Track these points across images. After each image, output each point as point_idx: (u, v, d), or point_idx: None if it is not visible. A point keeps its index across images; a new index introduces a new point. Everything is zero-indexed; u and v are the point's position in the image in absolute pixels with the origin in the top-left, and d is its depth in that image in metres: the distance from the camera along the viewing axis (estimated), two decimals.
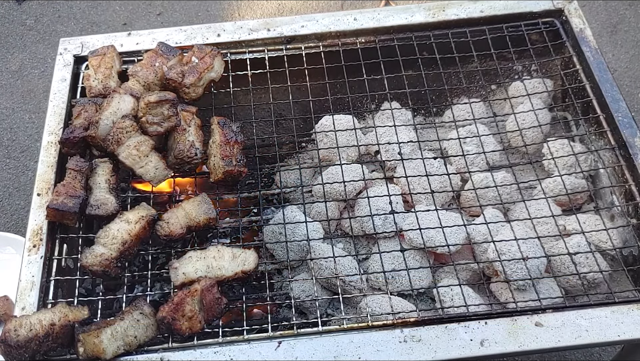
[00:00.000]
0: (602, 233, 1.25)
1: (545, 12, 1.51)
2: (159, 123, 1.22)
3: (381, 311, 1.15)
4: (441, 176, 1.34)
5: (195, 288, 1.08)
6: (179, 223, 1.17)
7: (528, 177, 1.43)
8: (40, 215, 1.22)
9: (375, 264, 1.27)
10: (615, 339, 1.06)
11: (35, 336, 1.01)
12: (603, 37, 2.47)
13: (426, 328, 1.08)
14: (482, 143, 1.40)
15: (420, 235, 1.23)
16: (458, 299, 1.15)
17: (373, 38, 1.50)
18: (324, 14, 1.52)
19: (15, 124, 2.29)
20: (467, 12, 1.51)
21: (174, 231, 1.16)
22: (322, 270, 1.23)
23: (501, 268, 1.18)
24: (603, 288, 1.20)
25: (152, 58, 1.36)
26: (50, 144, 1.33)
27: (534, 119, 1.40)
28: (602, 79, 1.38)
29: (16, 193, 2.13)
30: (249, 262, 1.15)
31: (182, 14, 2.64)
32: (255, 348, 1.07)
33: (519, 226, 1.24)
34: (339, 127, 1.41)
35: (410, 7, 1.52)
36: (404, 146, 1.39)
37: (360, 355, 1.05)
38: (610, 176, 1.34)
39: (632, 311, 1.08)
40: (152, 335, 1.07)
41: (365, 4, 2.64)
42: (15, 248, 1.79)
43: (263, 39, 1.49)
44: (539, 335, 1.06)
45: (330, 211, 1.34)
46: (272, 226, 1.28)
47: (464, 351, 1.04)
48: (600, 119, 1.36)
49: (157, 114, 1.21)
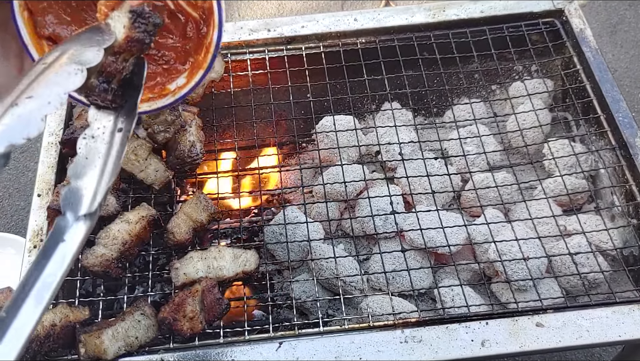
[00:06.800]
0: (603, 233, 1.25)
1: (545, 12, 1.51)
2: (165, 130, 1.22)
3: (382, 311, 1.15)
4: (442, 176, 1.34)
5: (196, 288, 1.08)
6: (184, 229, 1.17)
7: (529, 178, 1.43)
8: (40, 216, 1.22)
9: (376, 264, 1.27)
10: (616, 339, 1.06)
11: (36, 337, 1.01)
12: (603, 37, 2.47)
13: (427, 329, 1.08)
14: (483, 143, 1.40)
15: (421, 235, 1.23)
16: (459, 300, 1.15)
17: (373, 38, 1.50)
18: (325, 15, 1.52)
19: None
20: (468, 12, 1.51)
21: (180, 240, 1.17)
22: (323, 271, 1.23)
23: (502, 268, 1.18)
24: (604, 288, 1.20)
25: None
26: (51, 144, 1.33)
27: (535, 119, 1.41)
28: (602, 79, 1.38)
29: (16, 193, 2.13)
30: (250, 262, 1.15)
31: None
32: (256, 348, 1.07)
33: (519, 227, 1.24)
34: (339, 127, 1.41)
35: (410, 7, 1.53)
36: (405, 146, 1.39)
37: (361, 355, 1.05)
38: (610, 176, 1.34)
39: (633, 312, 1.09)
40: (153, 335, 1.07)
41: (365, 4, 2.64)
42: (16, 249, 1.79)
43: (263, 39, 1.49)
44: (540, 335, 1.06)
45: (330, 211, 1.34)
46: (273, 227, 1.28)
47: (465, 352, 1.05)
48: (600, 119, 1.36)
49: (161, 123, 1.21)
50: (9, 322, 0.56)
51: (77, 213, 0.67)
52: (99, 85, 0.74)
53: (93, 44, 0.71)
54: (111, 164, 0.73)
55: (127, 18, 0.77)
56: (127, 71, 0.79)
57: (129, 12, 0.77)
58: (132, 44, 0.78)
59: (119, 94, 0.78)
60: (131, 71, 0.79)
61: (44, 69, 0.68)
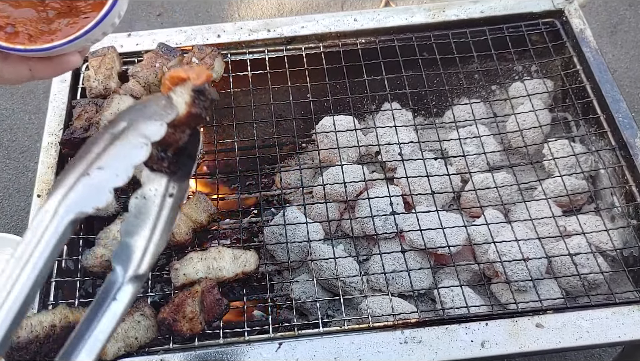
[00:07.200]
0: (603, 234, 1.25)
1: (545, 12, 1.51)
2: None
3: (382, 312, 1.15)
4: (442, 176, 1.34)
5: (196, 289, 1.08)
6: (184, 230, 1.17)
7: (528, 178, 1.43)
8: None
9: (376, 265, 1.27)
10: (616, 340, 1.06)
11: (35, 337, 1.01)
12: (603, 37, 2.47)
13: (427, 329, 1.08)
14: (483, 144, 1.40)
15: (420, 236, 1.23)
16: (459, 300, 1.15)
17: (373, 39, 1.50)
18: (324, 15, 1.52)
19: (15, 125, 2.29)
20: (467, 12, 1.51)
21: (180, 240, 1.17)
22: (323, 271, 1.23)
23: (502, 269, 1.18)
24: (603, 289, 1.20)
25: (152, 59, 1.36)
26: (51, 145, 1.33)
27: (535, 119, 1.41)
28: (602, 79, 1.38)
29: (16, 193, 2.13)
30: (250, 263, 1.15)
31: (182, 14, 2.64)
32: (256, 349, 1.07)
33: (519, 227, 1.24)
34: (339, 128, 1.41)
35: (410, 7, 1.53)
36: (405, 146, 1.39)
37: (361, 356, 1.05)
38: (610, 176, 1.34)
39: (633, 312, 1.08)
40: (152, 336, 1.07)
41: (365, 4, 2.64)
42: (15, 249, 1.79)
43: (263, 39, 1.49)
44: (540, 336, 1.06)
45: (330, 212, 1.34)
46: (273, 227, 1.28)
47: (465, 353, 1.05)
48: (600, 119, 1.36)
49: None
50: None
51: (127, 271, 0.73)
52: (157, 154, 0.79)
53: (157, 118, 0.76)
54: (160, 228, 0.79)
55: (190, 95, 0.82)
56: (182, 141, 0.84)
57: (191, 91, 0.82)
58: (191, 118, 0.83)
59: (173, 161, 0.83)
60: (186, 141, 0.85)
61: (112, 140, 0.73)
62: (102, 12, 0.81)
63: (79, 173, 0.70)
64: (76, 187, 0.69)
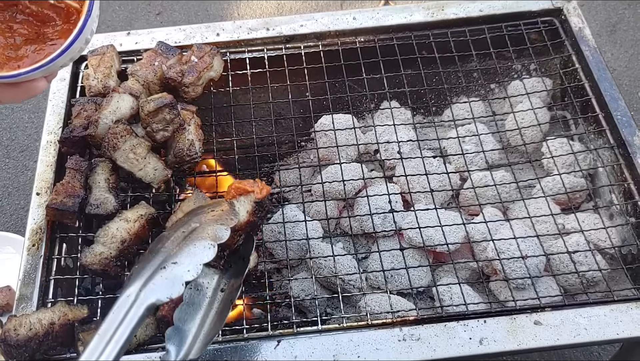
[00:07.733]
0: (601, 232, 1.25)
1: (544, 11, 1.51)
2: (164, 129, 1.22)
3: (380, 310, 1.16)
4: (440, 175, 1.35)
5: None
6: None
7: (527, 176, 1.43)
8: (39, 214, 1.22)
9: (375, 263, 1.27)
10: (614, 337, 1.06)
11: (35, 335, 1.01)
12: (602, 36, 2.47)
13: (425, 327, 1.08)
14: (482, 142, 1.40)
15: (419, 234, 1.23)
16: (457, 298, 1.16)
17: (372, 37, 1.50)
18: (323, 14, 1.52)
19: (15, 123, 2.29)
20: (466, 11, 1.51)
21: None
22: (322, 269, 1.23)
23: (500, 267, 1.18)
24: (602, 287, 1.20)
25: (151, 57, 1.36)
26: (50, 143, 1.33)
27: (533, 118, 1.41)
28: (601, 78, 1.38)
29: (15, 192, 2.14)
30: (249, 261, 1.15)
31: (182, 13, 2.64)
32: (255, 347, 1.07)
33: (518, 225, 1.25)
34: (338, 126, 1.41)
35: (409, 6, 1.53)
36: (404, 145, 1.39)
37: (359, 353, 1.05)
38: (609, 174, 1.35)
39: (631, 310, 1.09)
40: (151, 333, 1.07)
41: (364, 3, 2.64)
42: (15, 248, 1.79)
43: (262, 38, 1.49)
44: (538, 333, 1.06)
45: (329, 210, 1.34)
46: (272, 225, 1.29)
47: (463, 350, 1.05)
48: (599, 118, 1.36)
49: (160, 121, 1.21)
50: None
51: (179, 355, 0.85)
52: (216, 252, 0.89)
53: (223, 222, 0.90)
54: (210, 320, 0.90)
55: (251, 206, 0.98)
56: (238, 244, 0.98)
57: (254, 202, 0.99)
58: (249, 225, 0.98)
59: (227, 260, 0.97)
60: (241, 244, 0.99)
61: (185, 237, 0.87)
62: (69, 40, 0.82)
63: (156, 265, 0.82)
64: (155, 278, 0.80)
